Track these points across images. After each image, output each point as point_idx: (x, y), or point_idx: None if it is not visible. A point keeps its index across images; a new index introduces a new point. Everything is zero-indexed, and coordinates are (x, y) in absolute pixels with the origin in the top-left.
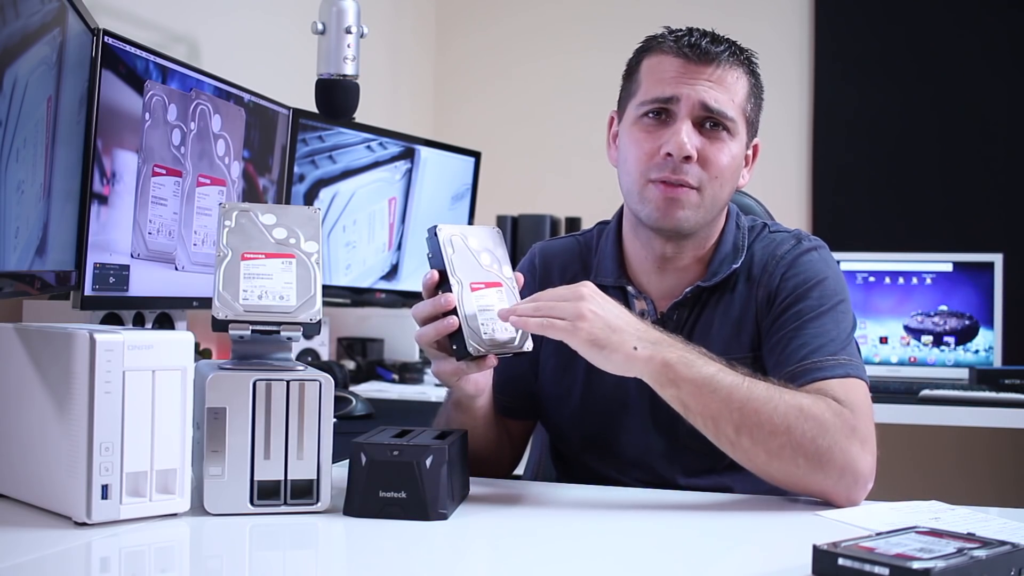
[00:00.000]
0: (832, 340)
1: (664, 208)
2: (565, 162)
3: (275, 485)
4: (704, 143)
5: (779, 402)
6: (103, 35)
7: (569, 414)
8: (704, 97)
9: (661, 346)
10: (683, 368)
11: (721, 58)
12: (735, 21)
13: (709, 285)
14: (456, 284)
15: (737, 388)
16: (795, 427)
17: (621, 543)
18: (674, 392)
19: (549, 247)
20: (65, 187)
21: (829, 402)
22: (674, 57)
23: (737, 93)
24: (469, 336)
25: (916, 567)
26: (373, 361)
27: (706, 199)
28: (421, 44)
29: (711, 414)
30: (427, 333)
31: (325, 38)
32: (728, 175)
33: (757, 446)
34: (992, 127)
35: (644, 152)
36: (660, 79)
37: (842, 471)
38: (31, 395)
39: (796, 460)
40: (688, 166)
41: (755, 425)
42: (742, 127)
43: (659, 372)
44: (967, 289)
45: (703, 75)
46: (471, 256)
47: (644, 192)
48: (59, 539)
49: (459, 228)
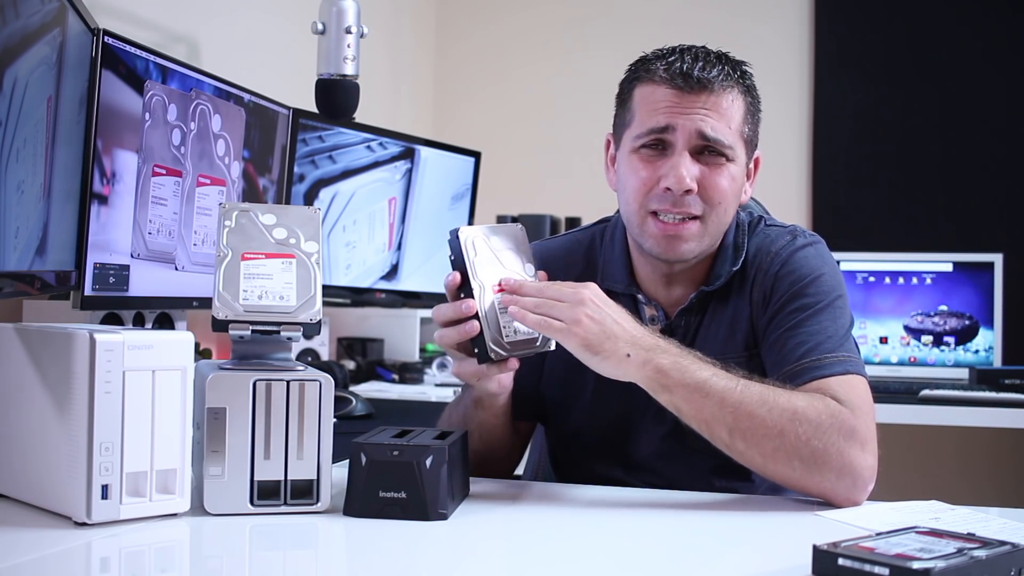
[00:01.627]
0: (830, 337)
1: (666, 244)
2: (565, 162)
3: (275, 485)
4: (703, 172)
5: (773, 405)
6: (103, 35)
7: (578, 418)
8: (700, 127)
9: (655, 352)
10: (676, 373)
11: (714, 84)
12: (735, 21)
13: (712, 289)
14: (477, 287)
15: (730, 392)
16: (788, 430)
17: (621, 543)
18: (668, 397)
19: (547, 248)
20: (65, 187)
21: (828, 402)
22: (667, 86)
23: (733, 118)
24: (490, 340)
25: (916, 567)
26: (373, 361)
27: (710, 227)
28: (421, 44)
29: (704, 418)
30: (449, 335)
31: (325, 38)
32: (731, 199)
33: (751, 449)
34: (992, 127)
35: (643, 183)
36: (654, 109)
37: (840, 472)
38: (31, 395)
39: (791, 463)
40: (689, 197)
41: (748, 429)
42: (741, 150)
43: (652, 378)
44: (967, 289)
45: (697, 103)
46: (493, 257)
47: (645, 226)
48: (59, 539)
49: (480, 229)
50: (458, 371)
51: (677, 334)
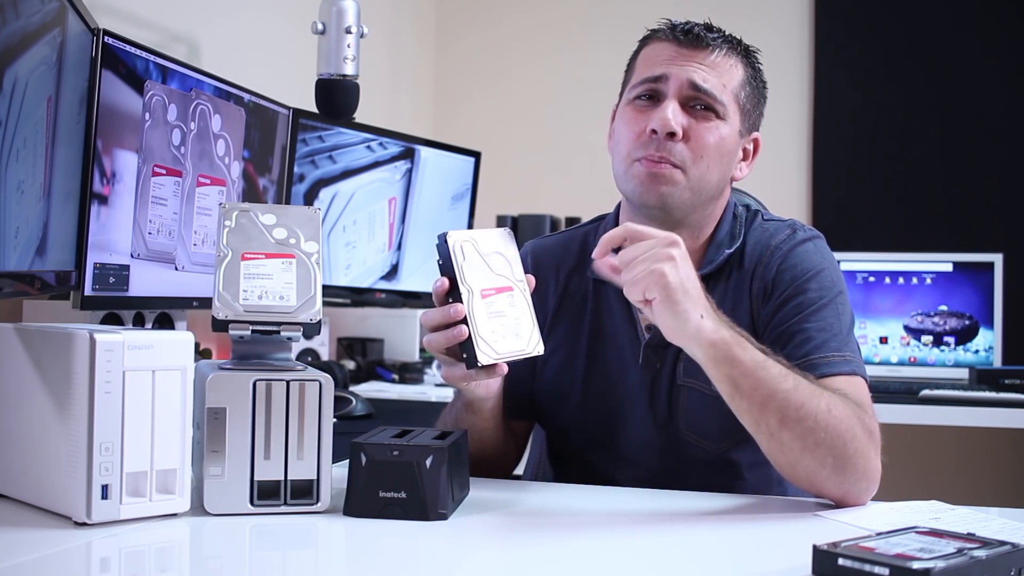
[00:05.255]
0: (835, 335)
1: (648, 183)
2: (565, 162)
3: (275, 485)
4: (691, 122)
5: (821, 399)
6: (103, 35)
7: (570, 412)
8: (693, 76)
9: (721, 323)
10: (739, 349)
11: (715, 44)
12: (735, 21)
13: (705, 273)
14: (466, 292)
15: (785, 378)
16: (831, 427)
17: (621, 543)
18: (727, 371)
19: (541, 245)
20: (65, 187)
21: (851, 404)
22: (668, 42)
23: (731, 79)
24: (479, 345)
25: (916, 567)
26: (373, 361)
27: (692, 179)
28: (421, 44)
29: (759, 399)
30: (437, 341)
31: (325, 38)
32: (715, 156)
33: (796, 440)
34: (992, 127)
35: (633, 132)
36: (652, 62)
37: (862, 475)
38: (31, 395)
39: (826, 460)
40: (672, 144)
41: (797, 419)
42: (735, 113)
43: (718, 347)
44: (967, 289)
45: (695, 58)
46: (482, 261)
47: (629, 170)
48: (59, 539)
49: (469, 233)
50: (447, 375)
51: None
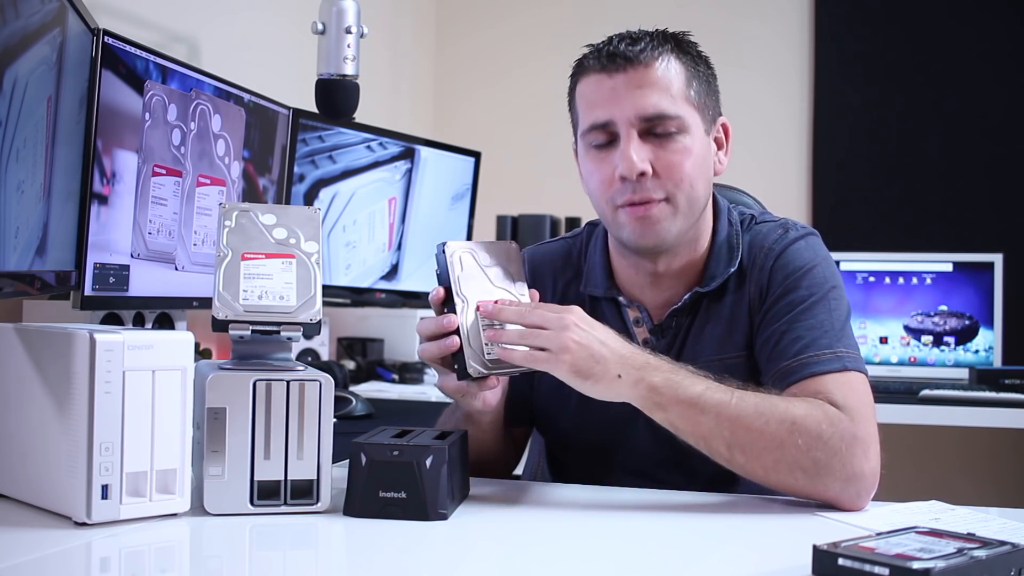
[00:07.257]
0: (826, 332)
1: (640, 229)
2: (565, 162)
3: (275, 485)
4: (656, 151)
5: (770, 416)
6: (103, 35)
7: (567, 425)
8: (638, 106)
9: (646, 370)
10: (669, 391)
11: (640, 56)
12: (735, 21)
13: (708, 290)
14: (460, 303)
15: (725, 406)
16: (788, 442)
17: (620, 543)
18: (663, 415)
19: (539, 253)
20: (65, 187)
21: (826, 409)
22: (597, 74)
23: (671, 84)
24: (470, 357)
25: (916, 567)
26: (373, 361)
27: (680, 206)
28: (421, 44)
29: (701, 434)
30: (429, 351)
31: (325, 38)
32: (695, 174)
33: (752, 462)
34: (992, 127)
35: (602, 180)
36: (591, 104)
37: (845, 481)
38: (31, 395)
39: (793, 474)
40: (648, 181)
41: (746, 443)
42: (692, 115)
43: (645, 397)
44: (967, 289)
45: (632, 82)
46: (480, 273)
47: (616, 218)
48: (59, 539)
49: (469, 244)
50: (441, 386)
51: (667, 335)
